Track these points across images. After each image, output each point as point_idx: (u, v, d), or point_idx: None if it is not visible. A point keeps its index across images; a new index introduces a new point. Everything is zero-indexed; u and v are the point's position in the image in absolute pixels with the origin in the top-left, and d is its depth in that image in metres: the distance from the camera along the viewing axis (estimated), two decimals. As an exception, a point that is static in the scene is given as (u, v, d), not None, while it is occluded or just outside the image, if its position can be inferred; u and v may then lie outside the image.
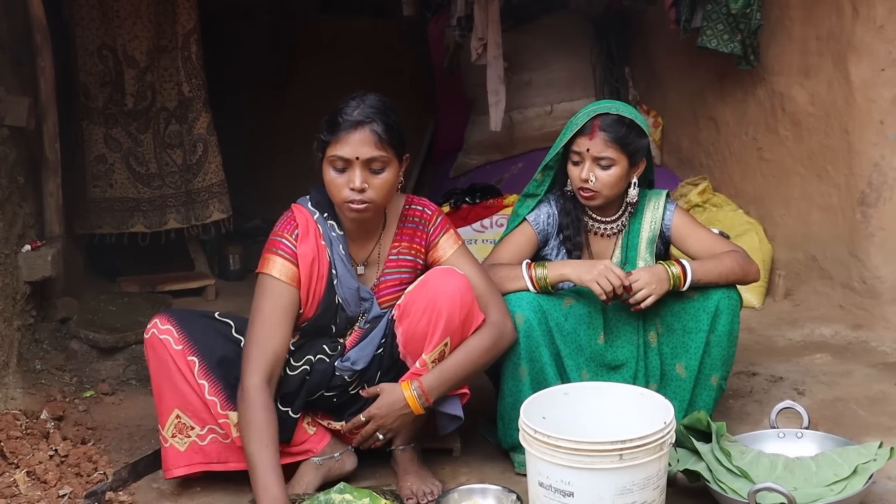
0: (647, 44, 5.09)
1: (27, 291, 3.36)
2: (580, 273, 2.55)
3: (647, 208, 2.76)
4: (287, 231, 2.45)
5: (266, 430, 2.27)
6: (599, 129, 2.61)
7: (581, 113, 2.69)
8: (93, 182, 4.48)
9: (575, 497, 2.04)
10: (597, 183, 2.63)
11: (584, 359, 2.65)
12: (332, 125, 2.36)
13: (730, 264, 2.62)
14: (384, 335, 2.49)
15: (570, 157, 2.68)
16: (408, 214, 2.54)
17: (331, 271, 2.46)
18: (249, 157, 5.63)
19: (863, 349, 3.50)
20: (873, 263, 3.65)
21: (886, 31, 3.56)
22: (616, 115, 2.63)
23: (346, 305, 2.48)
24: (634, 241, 2.75)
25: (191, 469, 2.48)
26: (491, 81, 4.61)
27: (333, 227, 2.48)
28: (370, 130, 2.33)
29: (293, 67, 6.19)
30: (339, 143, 2.34)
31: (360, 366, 2.48)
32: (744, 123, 4.32)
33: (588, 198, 2.67)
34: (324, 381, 2.48)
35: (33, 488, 2.43)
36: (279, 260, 2.41)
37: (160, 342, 2.43)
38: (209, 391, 2.41)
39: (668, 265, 2.58)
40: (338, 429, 2.55)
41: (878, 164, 3.64)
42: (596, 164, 2.62)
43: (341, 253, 2.47)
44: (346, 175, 2.35)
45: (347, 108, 2.36)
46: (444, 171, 5.68)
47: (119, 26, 4.44)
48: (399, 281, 2.52)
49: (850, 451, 2.31)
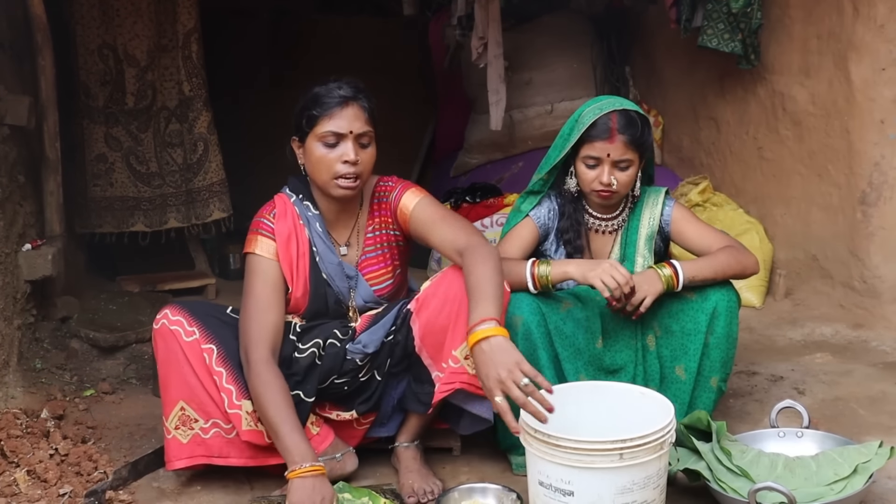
0: (648, 43, 5.09)
1: (27, 290, 3.36)
2: (584, 270, 2.54)
3: (645, 205, 2.76)
4: (266, 211, 2.56)
5: (281, 392, 2.33)
6: (618, 132, 2.59)
7: (586, 112, 2.66)
8: (93, 181, 4.48)
9: (575, 496, 2.04)
10: (616, 184, 2.63)
11: (583, 362, 2.64)
12: (320, 103, 2.42)
13: (725, 259, 2.61)
14: (395, 323, 2.50)
15: (583, 160, 2.66)
16: (377, 191, 2.59)
17: (311, 249, 2.52)
18: (250, 156, 5.63)
19: (863, 348, 3.50)
20: (874, 263, 3.65)
21: (887, 30, 3.56)
22: (628, 114, 2.62)
23: (331, 282, 2.53)
24: (633, 238, 2.75)
25: (192, 461, 2.48)
26: (491, 80, 4.61)
27: (309, 208, 2.55)
28: (359, 106, 2.44)
29: (293, 66, 6.19)
30: (331, 119, 2.41)
31: (372, 349, 2.50)
32: (744, 123, 4.32)
33: (606, 197, 2.67)
34: (336, 365, 2.50)
35: (33, 487, 2.44)
36: (262, 238, 2.50)
37: (170, 333, 2.43)
38: (227, 379, 2.42)
39: (658, 268, 2.58)
40: (347, 419, 2.56)
41: (879, 164, 3.64)
42: (615, 167, 2.62)
43: (318, 230, 2.53)
44: (338, 150, 2.42)
45: (331, 86, 2.44)
46: (445, 171, 5.68)
47: (119, 25, 4.43)
48: (381, 258, 2.57)
49: (851, 450, 2.31)
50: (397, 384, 2.58)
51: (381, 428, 2.63)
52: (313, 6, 6.55)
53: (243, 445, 2.46)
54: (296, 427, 2.30)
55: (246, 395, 2.41)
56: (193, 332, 2.43)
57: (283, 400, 2.32)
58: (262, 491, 2.49)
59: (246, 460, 2.49)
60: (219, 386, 2.42)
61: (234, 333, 2.47)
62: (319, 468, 2.26)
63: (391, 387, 2.58)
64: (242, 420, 2.41)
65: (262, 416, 2.34)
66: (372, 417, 2.61)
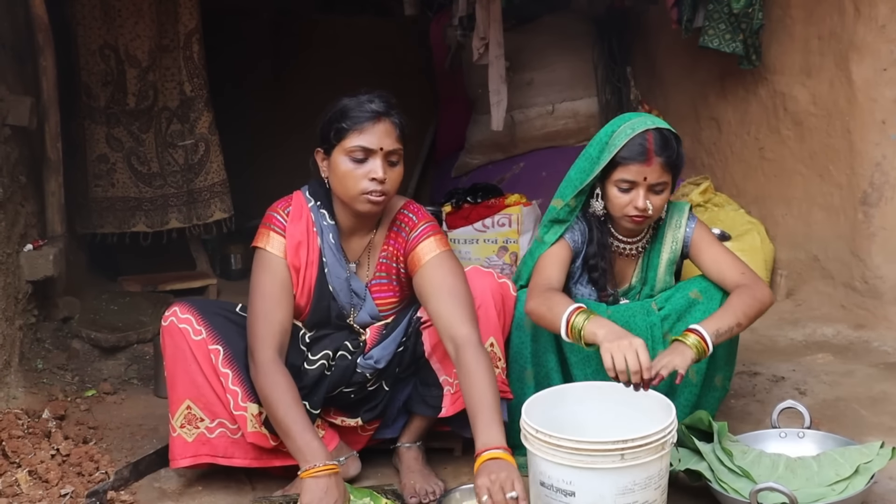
0: (649, 43, 5.09)
1: (29, 291, 3.37)
2: (608, 337, 2.26)
3: (668, 226, 2.66)
4: (281, 206, 2.49)
5: (290, 392, 2.29)
6: (656, 154, 2.46)
7: (618, 132, 2.51)
8: (94, 181, 4.48)
9: (576, 496, 2.04)
10: (652, 209, 2.50)
11: (592, 370, 2.57)
12: (350, 116, 2.34)
13: (741, 305, 2.44)
14: (405, 334, 2.48)
15: (615, 184, 2.50)
16: (398, 218, 2.51)
17: (321, 259, 2.47)
18: (251, 157, 5.64)
19: (864, 349, 3.50)
20: (875, 263, 3.65)
21: (888, 30, 3.56)
22: (663, 133, 2.48)
23: (336, 295, 2.48)
24: (655, 262, 2.67)
25: (196, 460, 2.46)
26: (492, 81, 4.60)
27: (325, 216, 2.48)
28: (391, 122, 2.37)
29: (294, 67, 6.19)
30: (361, 134, 2.33)
31: (383, 364, 2.48)
32: (745, 123, 4.32)
33: (639, 223, 2.53)
34: (345, 378, 2.48)
35: (35, 488, 2.43)
36: (273, 234, 2.44)
37: (178, 330, 2.41)
38: (233, 380, 2.39)
39: (683, 339, 2.34)
40: (352, 426, 2.55)
41: (880, 164, 3.64)
42: (650, 191, 2.49)
43: (331, 242, 2.47)
44: (366, 166, 2.34)
45: (362, 99, 2.36)
46: (446, 171, 5.68)
47: (121, 26, 4.44)
48: (389, 286, 2.52)
49: (852, 450, 2.31)
50: (403, 388, 2.57)
51: (385, 429, 2.62)
52: (314, 6, 6.55)
53: (248, 446, 2.44)
54: (307, 426, 2.26)
55: (251, 398, 2.39)
56: (201, 331, 2.41)
57: (292, 399, 2.29)
58: (263, 492, 2.49)
59: (250, 461, 2.47)
60: (225, 387, 2.41)
61: (241, 332, 2.44)
62: (333, 467, 2.21)
63: (397, 391, 2.57)
64: (248, 422, 2.40)
65: (272, 416, 2.31)
66: (376, 424, 2.60)
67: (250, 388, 2.39)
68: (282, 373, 2.33)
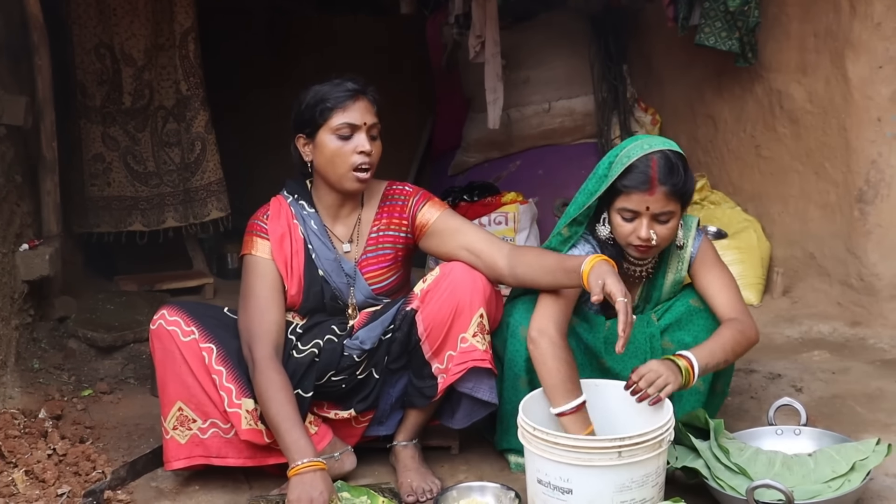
0: (645, 41, 5.09)
1: (25, 290, 3.36)
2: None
3: (675, 249, 2.55)
4: (260, 214, 2.58)
5: (285, 389, 2.35)
6: (659, 183, 2.32)
7: (620, 158, 2.38)
8: (90, 181, 4.48)
9: (574, 494, 2.05)
10: (656, 239, 2.38)
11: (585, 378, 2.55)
12: (332, 97, 2.45)
13: (730, 340, 2.41)
14: (393, 321, 2.50)
15: (618, 212, 2.39)
16: (389, 194, 2.61)
17: (307, 246, 2.54)
18: (247, 155, 5.62)
19: (860, 346, 3.50)
20: (871, 260, 3.65)
21: (884, 28, 3.56)
22: (669, 159, 2.34)
23: (328, 278, 2.53)
24: (660, 283, 2.60)
25: (190, 462, 2.48)
26: (489, 79, 4.61)
27: (304, 206, 2.57)
28: (368, 99, 2.50)
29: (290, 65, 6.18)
30: (345, 111, 2.44)
31: (369, 345, 2.50)
32: (742, 121, 4.32)
33: (644, 252, 2.43)
34: (333, 361, 2.51)
35: (32, 487, 2.43)
36: (257, 240, 2.53)
37: (167, 333, 2.44)
38: (226, 378, 2.42)
39: (675, 360, 2.31)
40: (345, 417, 2.56)
41: (876, 162, 3.65)
42: (655, 220, 2.37)
43: (314, 228, 2.55)
44: (353, 142, 2.45)
45: (336, 82, 2.48)
46: (443, 169, 5.68)
47: (116, 24, 4.43)
48: (382, 258, 2.57)
49: (848, 447, 2.31)
50: (396, 382, 2.58)
51: (380, 427, 2.63)
52: (310, 5, 6.54)
53: (241, 445, 2.46)
54: (296, 424, 2.31)
55: (245, 394, 2.41)
56: (192, 331, 2.44)
57: (285, 397, 2.34)
58: (260, 490, 2.49)
59: (244, 460, 2.48)
60: (218, 385, 2.42)
61: (232, 333, 2.48)
62: (318, 464, 2.27)
63: (389, 384, 2.58)
64: (242, 419, 2.41)
65: (265, 412, 2.35)
66: (370, 416, 2.61)
67: (244, 385, 2.41)
68: (277, 371, 2.38)
